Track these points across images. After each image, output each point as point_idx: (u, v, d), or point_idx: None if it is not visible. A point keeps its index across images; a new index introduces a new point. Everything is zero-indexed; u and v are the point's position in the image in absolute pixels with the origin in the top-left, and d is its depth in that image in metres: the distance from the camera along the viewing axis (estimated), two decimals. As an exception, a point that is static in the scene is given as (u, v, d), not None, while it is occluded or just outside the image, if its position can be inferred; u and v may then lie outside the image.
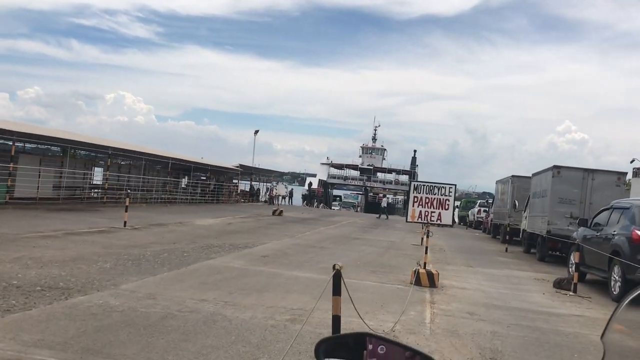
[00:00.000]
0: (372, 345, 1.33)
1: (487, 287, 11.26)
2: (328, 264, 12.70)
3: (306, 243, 16.67)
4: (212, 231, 17.93)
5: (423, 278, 10.52)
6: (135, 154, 28.88)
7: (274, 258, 12.50)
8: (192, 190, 40.99)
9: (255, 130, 52.99)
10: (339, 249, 15.83)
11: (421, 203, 10.85)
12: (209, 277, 9.32)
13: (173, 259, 10.97)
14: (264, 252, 13.47)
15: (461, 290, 10.55)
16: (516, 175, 24.93)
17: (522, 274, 14.34)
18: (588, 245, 12.60)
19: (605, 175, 17.03)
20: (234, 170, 43.53)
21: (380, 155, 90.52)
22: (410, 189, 10.88)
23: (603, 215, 12.85)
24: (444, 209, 10.87)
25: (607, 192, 16.52)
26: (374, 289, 9.73)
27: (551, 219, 17.04)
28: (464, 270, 13.77)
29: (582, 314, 9.27)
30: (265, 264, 11.39)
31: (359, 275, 11.07)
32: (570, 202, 16.95)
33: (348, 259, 13.64)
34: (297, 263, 12.04)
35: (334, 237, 19.98)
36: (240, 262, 11.34)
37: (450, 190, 10.90)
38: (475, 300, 9.60)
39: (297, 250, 14.48)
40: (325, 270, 11.27)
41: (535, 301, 10.14)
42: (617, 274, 10.87)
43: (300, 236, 18.96)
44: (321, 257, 13.63)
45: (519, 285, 12.11)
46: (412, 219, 10.89)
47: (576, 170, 17.24)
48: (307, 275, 10.50)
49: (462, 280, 12.00)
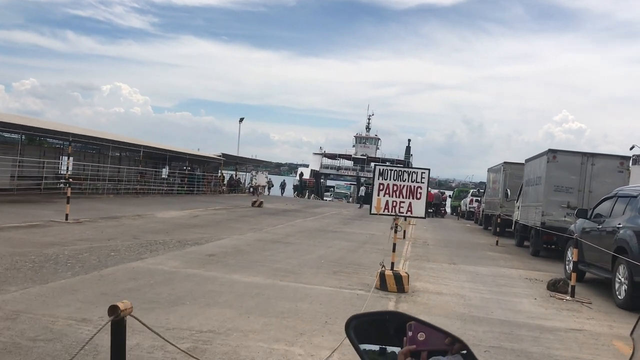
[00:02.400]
0: (411, 332, 1.28)
1: (468, 291, 9.45)
2: (284, 264, 10.91)
3: (272, 238, 14.85)
4: (169, 225, 16.09)
5: (389, 281, 8.72)
6: (101, 141, 26.90)
7: (222, 257, 10.68)
8: (172, 181, 39.16)
9: (240, 118, 51.30)
10: (306, 245, 14.01)
11: (388, 191, 9.01)
12: (118, 286, 7.49)
13: (91, 261, 9.13)
14: (213, 249, 11.64)
15: (436, 297, 8.74)
16: (508, 162, 23.09)
17: (513, 272, 12.54)
18: (588, 240, 10.81)
19: (606, 159, 15.21)
20: (216, 159, 41.56)
21: (374, 144, 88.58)
22: (375, 175, 9.02)
23: (605, 205, 11.05)
24: (415, 198, 9.04)
25: (609, 179, 14.73)
26: (326, 296, 7.91)
27: (546, 209, 15.25)
28: (445, 269, 11.96)
29: (581, 327, 7.47)
30: (205, 265, 9.56)
31: (316, 278, 9.27)
32: (567, 191, 15.15)
33: (312, 257, 11.84)
34: (246, 263, 10.21)
35: (308, 230, 18.16)
36: (175, 264, 9.51)
37: (423, 175, 9.06)
38: (450, 311, 7.80)
39: (255, 247, 12.66)
40: (277, 273, 9.47)
41: (525, 310, 8.33)
42: (623, 275, 9.08)
43: (270, 230, 17.14)
44: (281, 255, 11.81)
45: (507, 287, 10.31)
46: (377, 211, 9.05)
47: (574, 155, 15.42)
48: (250, 279, 8.68)
49: (440, 281, 10.19)
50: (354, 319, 1.38)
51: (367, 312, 1.47)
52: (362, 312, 1.45)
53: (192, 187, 37.20)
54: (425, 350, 1.26)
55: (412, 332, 1.29)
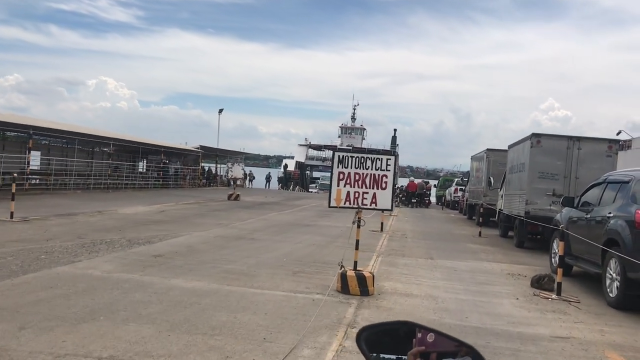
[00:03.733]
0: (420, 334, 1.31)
1: (442, 291, 8.40)
2: (239, 265, 9.73)
3: (236, 234, 13.74)
4: (128, 221, 14.92)
5: (351, 283, 7.65)
6: (67, 134, 25.54)
7: (169, 258, 9.55)
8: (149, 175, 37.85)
9: (220, 109, 49.93)
10: (272, 241, 12.92)
11: (349, 181, 7.93)
12: (26, 297, 6.34)
13: (11, 266, 7.97)
14: (164, 249, 10.52)
15: (404, 299, 7.68)
16: (491, 149, 22.09)
17: (494, 266, 11.53)
18: (575, 231, 9.83)
19: (594, 143, 14.23)
20: (194, 152, 40.26)
21: (360, 135, 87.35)
22: (334, 162, 7.90)
23: (594, 192, 10.05)
24: (380, 188, 7.96)
25: (596, 164, 13.76)
26: (275, 304, 6.82)
27: (530, 198, 14.26)
28: (420, 265, 10.92)
29: (569, 334, 6.45)
30: (144, 269, 8.43)
31: (271, 281, 8.18)
32: (553, 177, 14.17)
33: (274, 255, 10.75)
34: (195, 265, 9.10)
35: (280, 224, 17.06)
36: (109, 267, 8.37)
37: (388, 162, 7.98)
38: (418, 317, 6.74)
39: (214, 245, 11.55)
40: (227, 275, 8.35)
41: (505, 313, 7.30)
42: (615, 270, 8.09)
43: (238, 225, 16.02)
44: (240, 253, 10.71)
45: (486, 285, 9.28)
46: (338, 204, 7.96)
47: (559, 139, 14.42)
48: (192, 285, 7.57)
49: (412, 280, 9.15)
50: (365, 330, 1.43)
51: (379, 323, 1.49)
52: (374, 323, 1.52)
53: (168, 181, 35.89)
54: (434, 351, 1.30)
55: (421, 334, 1.33)
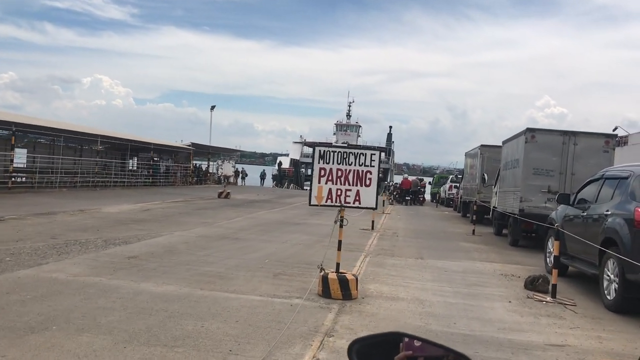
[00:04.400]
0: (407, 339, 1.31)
1: (431, 294, 7.93)
2: (217, 267, 9.12)
3: (220, 233, 13.24)
4: (109, 220, 14.40)
5: (333, 286, 7.18)
6: (53, 131, 24.97)
7: (144, 259, 9.05)
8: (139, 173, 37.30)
9: (212, 105, 49.41)
10: (257, 241, 12.44)
11: (331, 177, 7.44)
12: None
13: (-31, 269, 7.46)
14: (140, 250, 10.02)
15: (389, 304, 7.21)
16: (485, 145, 21.63)
17: (487, 266, 11.07)
18: (571, 229, 9.38)
19: (590, 138, 13.78)
20: (185, 149, 39.69)
21: (355, 132, 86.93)
22: (314, 158, 7.41)
23: (590, 189, 9.60)
24: (364, 184, 7.48)
25: (593, 160, 13.31)
26: (249, 310, 6.34)
27: (525, 195, 13.82)
28: (409, 266, 10.46)
29: (564, 341, 5.99)
30: (115, 272, 7.93)
31: (248, 284, 7.69)
32: (548, 173, 13.72)
33: (257, 256, 10.27)
34: (170, 267, 8.61)
35: (267, 223, 16.57)
36: (77, 270, 7.87)
37: (373, 157, 7.50)
38: (403, 323, 6.27)
39: (194, 245, 11.05)
40: (202, 278, 7.84)
41: (496, 318, 6.83)
42: (613, 271, 7.64)
43: (223, 224, 15.53)
44: (220, 254, 10.22)
45: (478, 287, 8.82)
46: (319, 202, 7.48)
47: (554, 134, 13.97)
48: (162, 289, 7.07)
49: (399, 282, 8.68)
50: (357, 342, 1.39)
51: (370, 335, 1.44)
52: (365, 335, 1.46)
53: (157, 179, 35.32)
54: (421, 356, 1.29)
55: (408, 339, 1.31)
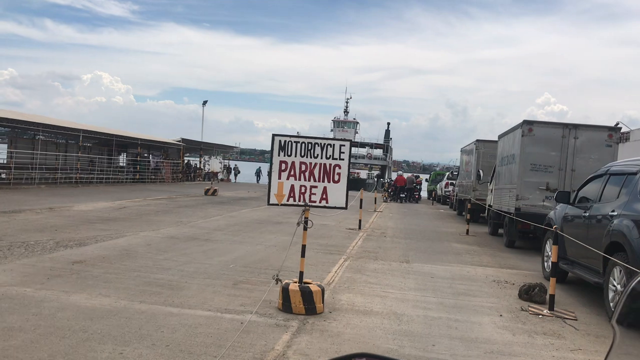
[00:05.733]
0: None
1: (411, 307, 6.92)
2: (171, 274, 7.54)
3: (191, 234, 12.23)
4: (74, 219, 13.39)
5: (294, 299, 6.17)
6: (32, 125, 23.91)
7: (89, 265, 8.04)
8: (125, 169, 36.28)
9: (204, 101, 48.38)
10: (229, 242, 11.43)
11: (293, 172, 6.41)
12: None
13: None
14: (93, 253, 9.01)
15: (360, 318, 6.19)
16: (481, 140, 20.59)
17: (479, 271, 10.06)
18: (571, 231, 8.39)
19: (592, 131, 12.75)
20: (174, 145, 38.64)
21: (352, 128, 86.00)
22: (274, 149, 6.36)
23: (593, 186, 8.58)
24: (332, 180, 6.46)
25: (595, 155, 12.33)
26: (190, 328, 5.32)
27: (521, 193, 12.80)
28: (392, 271, 9.45)
29: (563, 369, 4.99)
30: (47, 281, 6.91)
31: (200, 295, 6.69)
32: (546, 170, 12.70)
33: (222, 260, 9.27)
34: (118, 273, 7.59)
35: (247, 222, 15.54)
36: (4, 278, 6.86)
37: (342, 149, 6.47)
38: (372, 346, 5.26)
39: (156, 248, 10.04)
40: (147, 288, 6.79)
41: (484, 338, 5.82)
42: (620, 281, 6.63)
43: (199, 223, 14.52)
44: (181, 258, 9.20)
45: (466, 296, 7.80)
46: (279, 200, 6.45)
47: (553, 127, 12.94)
48: (94, 302, 6.06)
49: (376, 291, 7.66)
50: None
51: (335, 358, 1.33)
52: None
53: (144, 175, 34.27)
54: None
55: None
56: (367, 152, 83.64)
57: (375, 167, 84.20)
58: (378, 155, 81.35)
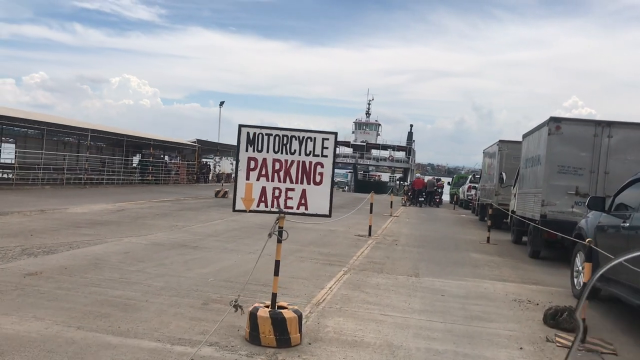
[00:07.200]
0: None
1: (412, 336, 5.71)
2: (134, 289, 5.60)
3: (180, 240, 11.18)
4: (60, 223, 12.47)
5: (263, 328, 5.02)
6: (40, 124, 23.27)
7: (44, 278, 7.02)
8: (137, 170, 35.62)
9: (221, 102, 47.60)
10: (220, 250, 10.36)
11: (265, 171, 5.28)
12: None
13: None
14: (57, 262, 8.01)
15: (346, 353, 5.01)
16: (504, 140, 19.19)
17: (498, 287, 8.78)
18: (606, 243, 7.09)
19: (629, 129, 11.34)
20: (189, 146, 37.89)
21: (375, 130, 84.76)
22: (240, 143, 5.22)
23: (634, 192, 7.27)
24: (312, 182, 5.31)
25: (632, 156, 10.96)
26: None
27: (547, 198, 11.46)
28: (398, 286, 8.23)
29: None
30: (-19, 297, 5.90)
31: (158, 318, 5.59)
32: (576, 172, 11.34)
33: (203, 272, 8.18)
34: (70, 289, 6.55)
35: (248, 227, 14.45)
36: None
37: (325, 143, 5.30)
38: (350, 396, 4.08)
39: (132, 257, 9.00)
40: (97, 309, 5.63)
41: (497, 382, 4.59)
42: (671, 309, 5.32)
43: (195, 227, 13.49)
44: (154, 270, 8.14)
45: (480, 321, 6.56)
46: (247, 206, 5.32)
47: (584, 124, 11.58)
48: (23, 327, 5.01)
49: (374, 314, 6.47)
50: None
51: None
52: None
53: (158, 177, 33.54)
54: None
55: None
56: (389, 155, 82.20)
57: (398, 170, 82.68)
58: (400, 158, 79.91)
